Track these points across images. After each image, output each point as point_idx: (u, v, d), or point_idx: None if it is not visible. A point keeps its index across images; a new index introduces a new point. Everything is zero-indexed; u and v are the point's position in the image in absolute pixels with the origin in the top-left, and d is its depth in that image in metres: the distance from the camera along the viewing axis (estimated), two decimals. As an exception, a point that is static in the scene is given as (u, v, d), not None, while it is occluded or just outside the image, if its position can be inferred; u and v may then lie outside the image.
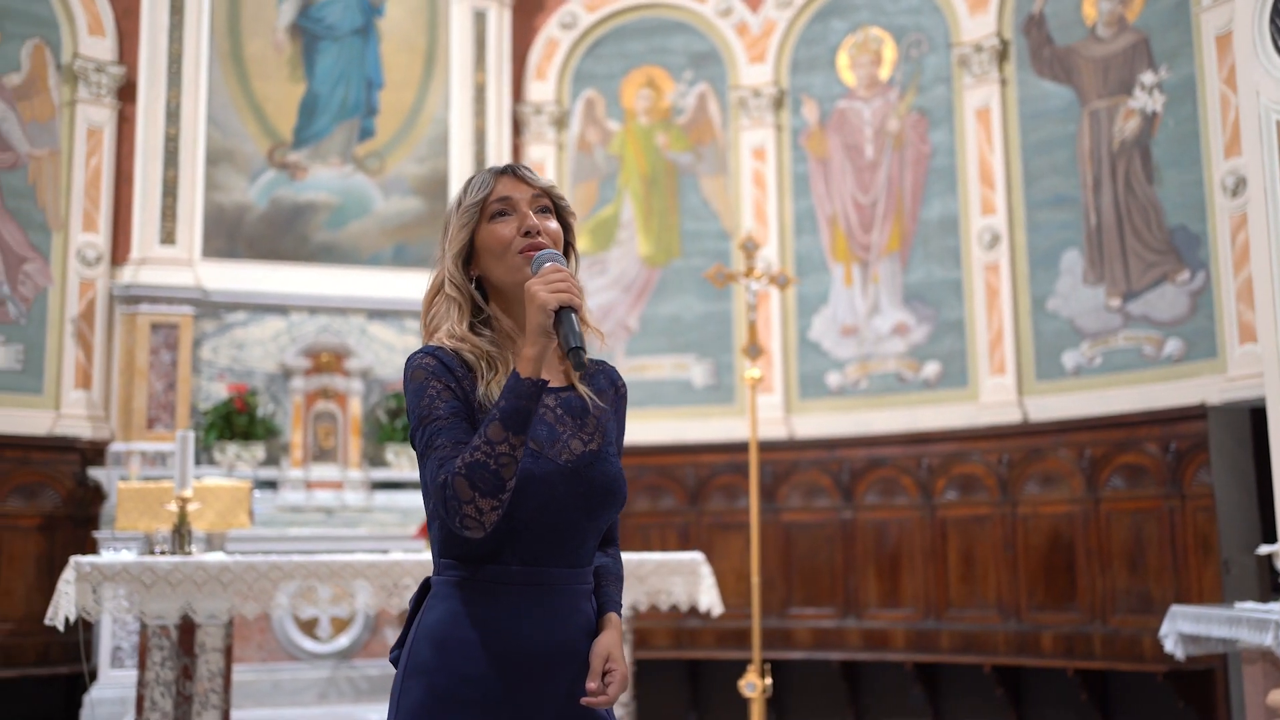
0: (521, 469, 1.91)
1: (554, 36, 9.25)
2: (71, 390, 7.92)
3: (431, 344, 2.00)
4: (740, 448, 8.56)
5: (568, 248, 2.09)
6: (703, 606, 5.07)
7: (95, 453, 7.85)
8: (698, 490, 8.59)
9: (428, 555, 5.13)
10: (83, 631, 5.10)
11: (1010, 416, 7.78)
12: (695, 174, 9.03)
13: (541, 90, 9.20)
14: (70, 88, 8.21)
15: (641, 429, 8.65)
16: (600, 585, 2.09)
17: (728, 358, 8.75)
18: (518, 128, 9.12)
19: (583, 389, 2.07)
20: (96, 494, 7.71)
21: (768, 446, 8.48)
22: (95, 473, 7.70)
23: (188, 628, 4.46)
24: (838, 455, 8.34)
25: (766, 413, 8.56)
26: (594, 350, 2.04)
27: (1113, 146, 7.59)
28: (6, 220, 7.89)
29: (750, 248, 5.89)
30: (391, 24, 8.88)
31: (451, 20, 8.92)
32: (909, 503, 8.09)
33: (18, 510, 7.63)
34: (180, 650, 4.46)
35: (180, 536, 4.53)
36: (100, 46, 8.31)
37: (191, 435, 4.78)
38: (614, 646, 2.02)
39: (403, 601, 4.62)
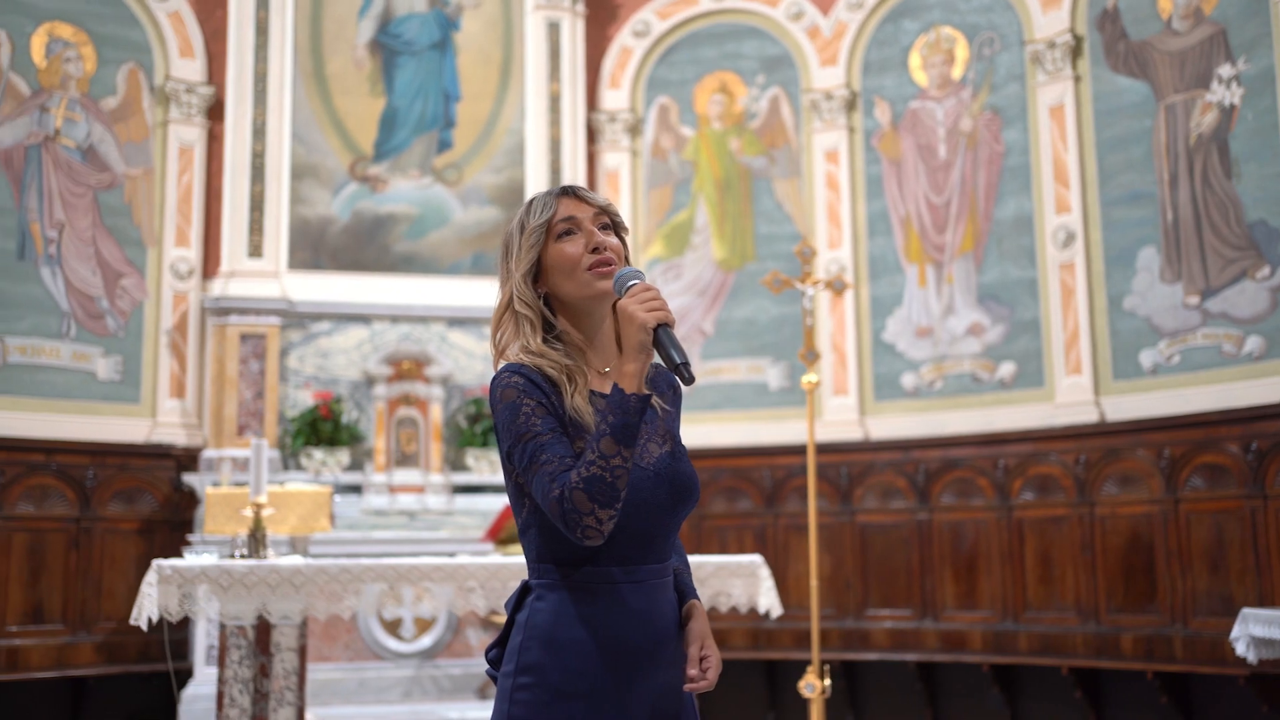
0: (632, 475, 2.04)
1: (627, 45, 9.37)
2: (167, 400, 8.26)
3: (513, 362, 2.10)
4: (816, 449, 8.59)
5: (626, 260, 2.20)
6: (762, 608, 5.14)
7: (189, 459, 8.18)
8: (773, 492, 8.64)
9: (496, 558, 5.29)
10: (169, 631, 5.34)
11: (1087, 417, 7.69)
12: (768, 178, 9.08)
13: (616, 98, 9.33)
14: (163, 109, 8.55)
15: (717, 431, 8.76)
16: (675, 575, 2.20)
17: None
18: (592, 136, 9.27)
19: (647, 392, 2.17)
20: (191, 499, 8.03)
21: (842, 448, 8.52)
22: (189, 478, 8.01)
23: (264, 628, 4.67)
24: (913, 457, 8.33)
25: (841, 415, 8.59)
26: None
27: (1189, 141, 7.47)
28: (105, 237, 8.26)
29: (807, 254, 5.94)
30: (468, 38, 9.08)
31: (526, 32, 9.09)
32: (985, 504, 8.04)
33: (118, 515, 7.98)
34: (257, 649, 4.67)
35: (256, 541, 4.74)
36: (190, 68, 8.64)
37: (265, 444, 4.99)
38: (705, 633, 2.16)
39: (469, 603, 4.77)
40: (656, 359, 2.09)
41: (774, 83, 9.12)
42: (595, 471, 1.95)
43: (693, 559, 5.15)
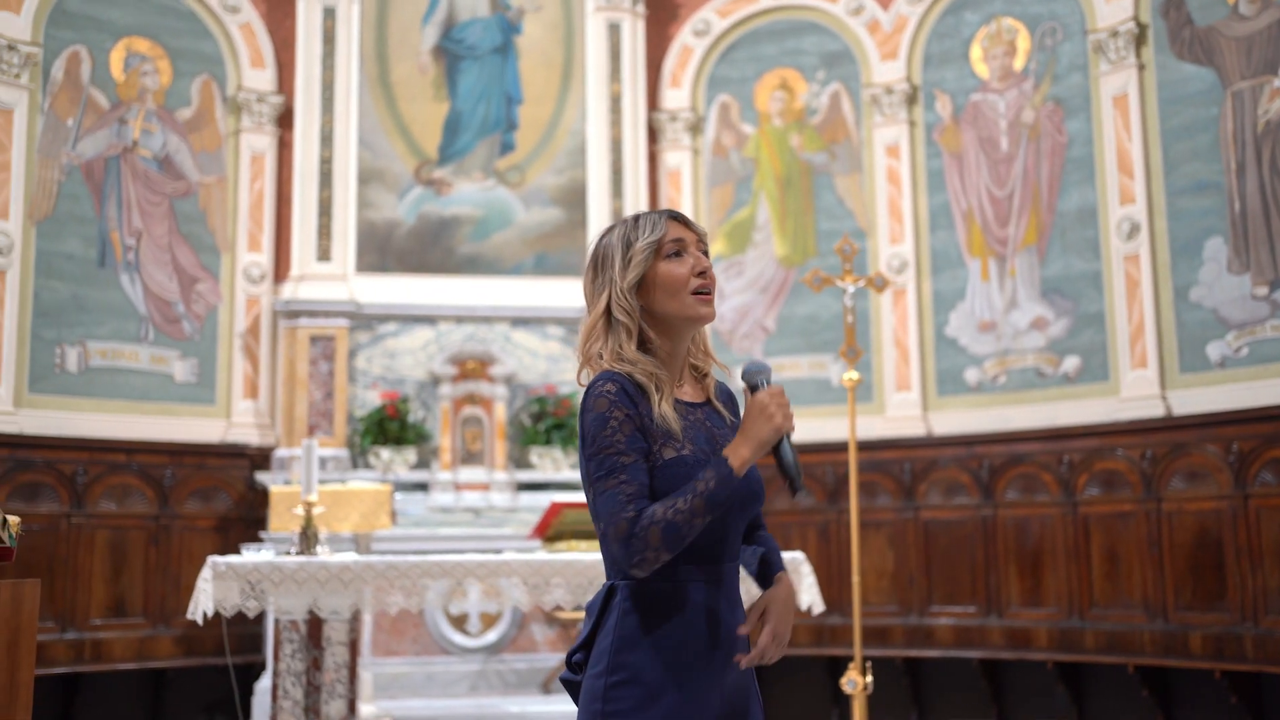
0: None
1: (688, 44, 9.42)
2: (240, 400, 8.52)
3: (608, 370, 2.22)
4: (879, 445, 8.58)
5: None
6: (803, 605, 5.16)
7: (262, 458, 8.43)
8: (836, 489, 8.62)
9: (541, 555, 5.37)
10: (229, 625, 5.53)
11: (1153, 411, 7.57)
12: (830, 173, 9.07)
13: (676, 97, 9.38)
14: (235, 118, 8.81)
15: (780, 428, 8.77)
16: (766, 552, 2.40)
17: (865, 356, 8.75)
18: (653, 135, 9.33)
19: (717, 404, 2.36)
20: (263, 497, 8.26)
21: (905, 444, 8.49)
22: (262, 477, 8.25)
23: (315, 622, 4.82)
24: (977, 452, 8.26)
25: (904, 410, 8.55)
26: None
27: (1257, 129, 7.30)
28: (180, 244, 8.54)
29: (847, 251, 5.94)
30: (529, 41, 9.21)
31: (587, 34, 9.19)
32: (1050, 500, 7.95)
33: (195, 512, 8.25)
34: (309, 643, 4.82)
35: (307, 538, 4.90)
36: (261, 78, 8.89)
37: (315, 444, 5.15)
38: (776, 599, 2.29)
39: (502, 602, 4.88)
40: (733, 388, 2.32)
41: (834, 78, 9.10)
42: (678, 520, 2.09)
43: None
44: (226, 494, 8.33)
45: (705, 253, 2.31)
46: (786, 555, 5.17)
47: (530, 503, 8.47)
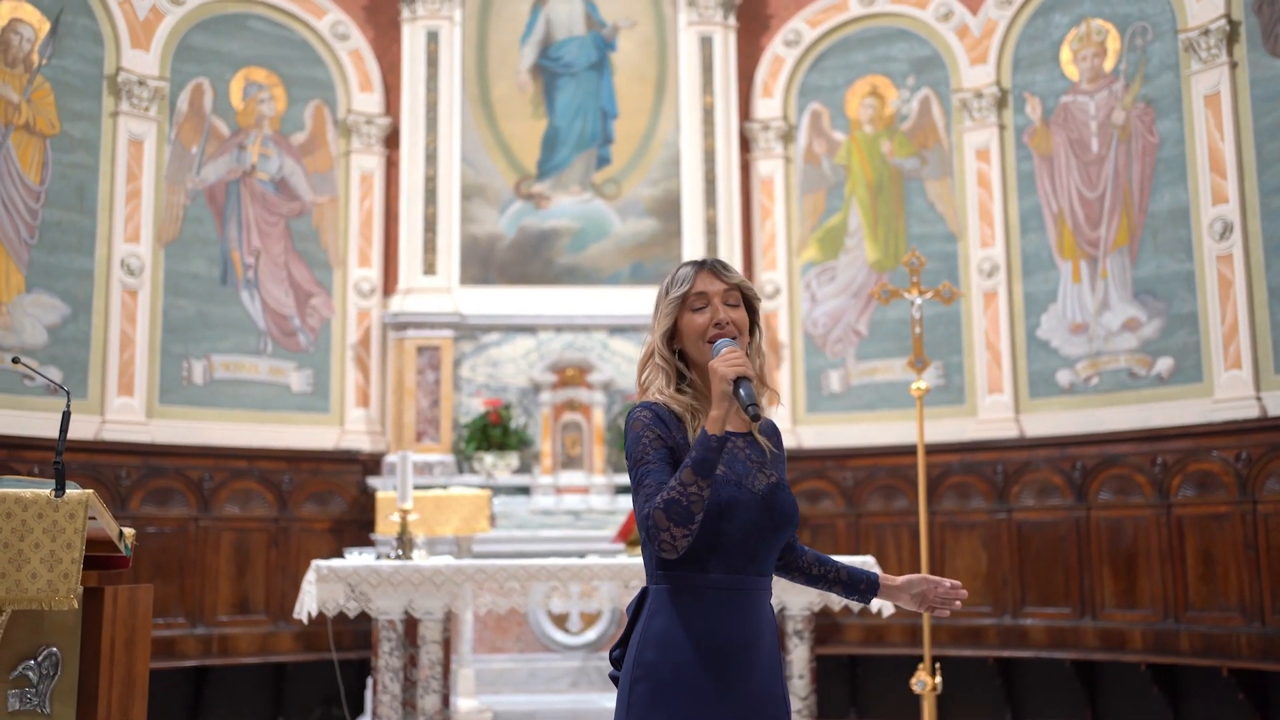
0: (728, 496, 2.42)
1: (779, 54, 9.59)
2: (353, 409, 8.98)
3: (647, 399, 2.51)
4: (971, 448, 8.67)
5: (754, 327, 2.58)
6: (874, 607, 5.32)
7: (374, 464, 8.87)
8: (930, 490, 8.71)
9: (626, 559, 5.64)
10: (331, 625, 5.92)
11: (1248, 411, 7.51)
12: (920, 178, 9.16)
13: (768, 107, 9.57)
14: (345, 140, 9.28)
15: (874, 431, 8.92)
16: (837, 567, 2.73)
17: (957, 359, 8.84)
18: (746, 145, 9.53)
19: (759, 437, 2.57)
20: (374, 500, 8.70)
21: (997, 446, 8.55)
22: (373, 481, 8.69)
23: (411, 622, 5.16)
24: (1069, 454, 8.28)
25: (995, 412, 8.62)
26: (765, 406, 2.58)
27: (1352, 125, 7.21)
28: (296, 261, 9.04)
29: (914, 264, 6.07)
30: (623, 57, 9.49)
31: (680, 48, 9.44)
32: (1144, 501, 7.94)
33: (312, 515, 8.73)
34: (406, 641, 5.17)
35: (403, 543, 5.24)
36: (369, 101, 9.35)
37: (410, 455, 5.49)
38: (909, 580, 2.73)
39: (593, 604, 5.15)
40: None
41: (924, 84, 9.19)
42: (674, 495, 2.31)
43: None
44: (340, 498, 8.79)
45: (737, 301, 2.52)
46: (857, 559, 5.35)
47: (628, 505, 8.75)
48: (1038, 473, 8.40)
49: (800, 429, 9.22)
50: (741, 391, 2.35)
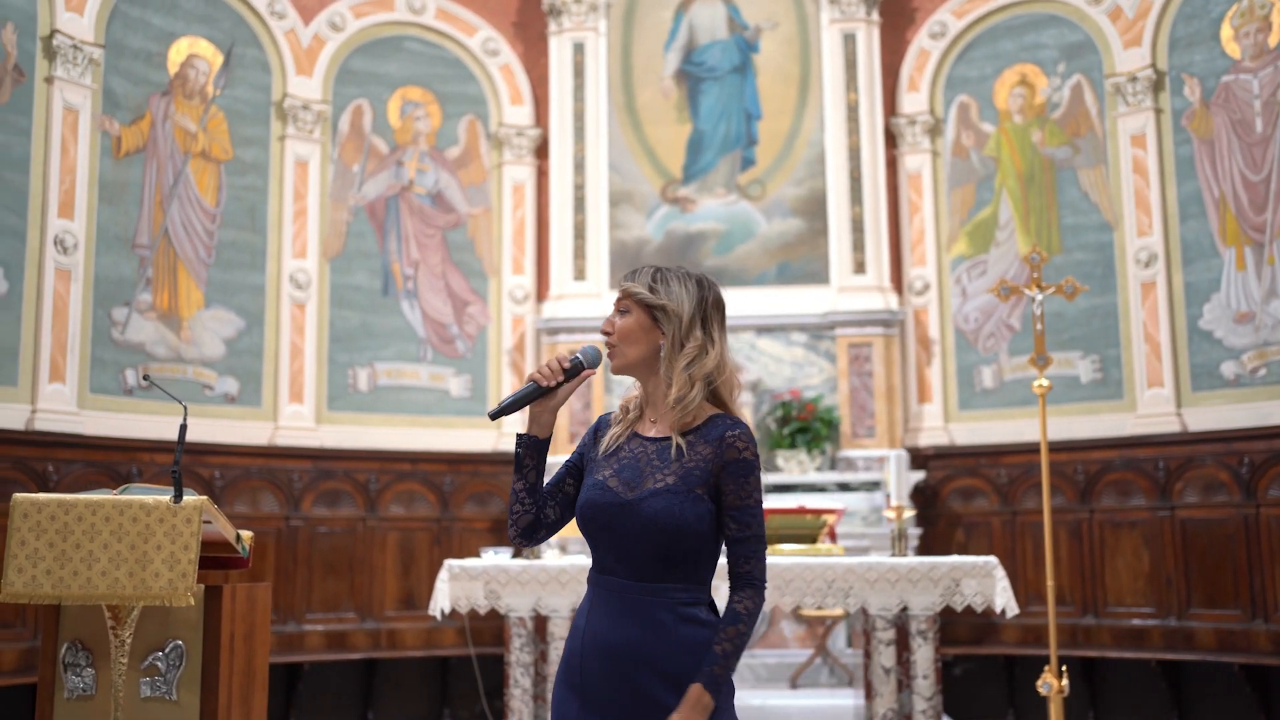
0: (586, 497, 2.56)
1: (924, 47, 9.47)
2: (509, 412, 9.27)
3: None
4: (1131, 443, 8.39)
5: (656, 323, 2.58)
6: (998, 607, 5.26)
7: (529, 465, 9.14)
8: (1087, 488, 8.49)
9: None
10: (467, 621, 6.18)
11: None
12: (1073, 167, 8.91)
13: (914, 101, 9.46)
14: (497, 153, 9.61)
15: (1028, 427, 8.72)
16: (704, 630, 2.45)
17: (1114, 352, 8.58)
18: (892, 140, 9.45)
19: (678, 439, 2.54)
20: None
21: (1159, 441, 8.26)
22: (529, 482, 8.96)
23: (540, 619, 5.36)
24: (1236, 448, 7.94)
25: (1156, 407, 8.33)
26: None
27: None
28: (453, 271, 9.41)
29: (1035, 260, 5.93)
30: (766, 58, 9.54)
31: (823, 46, 9.42)
32: (1317, 498, 7.56)
33: (472, 515, 9.08)
34: (536, 638, 5.37)
35: (532, 543, 5.44)
36: (519, 114, 9.65)
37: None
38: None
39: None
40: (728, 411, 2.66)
41: (1075, 70, 8.94)
42: (511, 501, 2.68)
43: (927, 560, 5.35)
44: (499, 498, 9.10)
45: (627, 307, 2.59)
46: (977, 559, 5.29)
47: (778, 504, 8.78)
48: (1203, 468, 8.08)
49: (952, 426, 9.09)
50: (518, 392, 2.60)
